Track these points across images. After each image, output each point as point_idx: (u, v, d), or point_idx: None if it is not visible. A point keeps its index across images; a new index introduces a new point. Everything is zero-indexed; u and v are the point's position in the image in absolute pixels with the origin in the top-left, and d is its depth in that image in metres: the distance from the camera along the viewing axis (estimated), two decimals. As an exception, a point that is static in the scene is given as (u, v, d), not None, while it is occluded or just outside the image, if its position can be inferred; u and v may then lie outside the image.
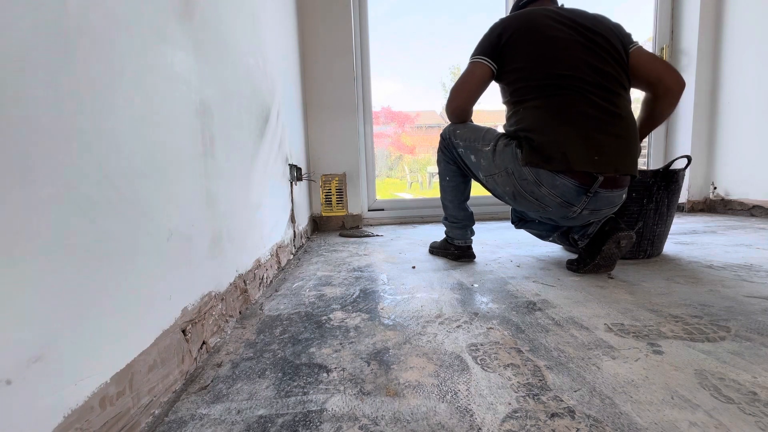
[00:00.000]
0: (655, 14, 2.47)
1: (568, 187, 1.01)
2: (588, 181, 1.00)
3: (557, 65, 1.05)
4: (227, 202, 0.82)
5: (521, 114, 1.08)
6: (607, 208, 1.07)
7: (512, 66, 1.11)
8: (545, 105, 1.05)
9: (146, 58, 0.53)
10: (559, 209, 1.07)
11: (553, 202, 1.05)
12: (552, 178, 1.02)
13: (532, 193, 1.07)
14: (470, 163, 1.23)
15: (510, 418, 0.48)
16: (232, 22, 0.91)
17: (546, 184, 1.03)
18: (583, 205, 1.04)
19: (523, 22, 1.11)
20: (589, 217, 1.09)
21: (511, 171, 1.08)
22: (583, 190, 1.01)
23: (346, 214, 2.27)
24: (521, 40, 1.10)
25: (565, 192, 1.02)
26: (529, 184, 1.06)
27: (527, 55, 1.09)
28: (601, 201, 1.04)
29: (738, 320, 0.75)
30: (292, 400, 0.53)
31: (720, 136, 2.38)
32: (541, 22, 1.09)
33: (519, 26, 1.11)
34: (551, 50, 1.06)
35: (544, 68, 1.06)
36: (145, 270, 0.51)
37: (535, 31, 1.08)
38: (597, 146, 0.99)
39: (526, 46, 1.09)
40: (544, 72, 1.06)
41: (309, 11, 2.12)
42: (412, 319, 0.81)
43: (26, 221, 0.34)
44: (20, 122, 0.33)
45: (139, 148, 0.50)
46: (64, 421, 0.36)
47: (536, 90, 1.06)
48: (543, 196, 1.05)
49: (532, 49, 1.08)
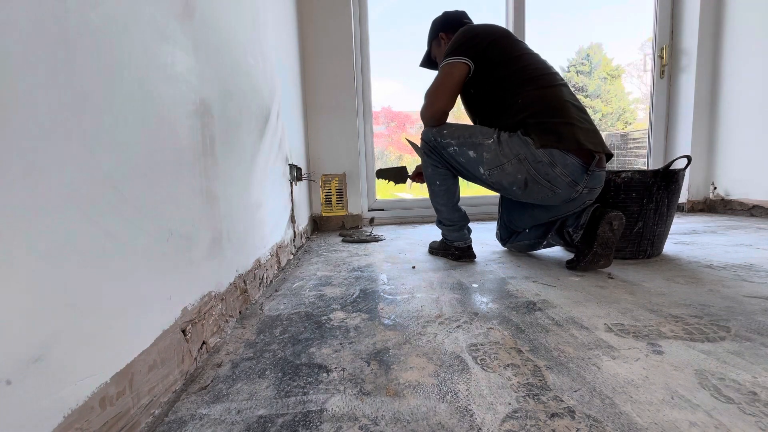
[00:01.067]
0: (655, 14, 2.47)
1: (575, 165, 1.10)
2: (588, 160, 1.11)
3: (538, 63, 1.21)
4: (227, 202, 0.82)
5: (520, 105, 1.15)
6: (599, 186, 1.17)
7: (499, 61, 1.19)
8: (544, 94, 1.15)
9: (146, 57, 0.53)
10: (566, 189, 1.14)
11: (563, 182, 1.12)
12: (564, 158, 1.09)
13: (546, 175, 1.12)
14: (466, 160, 1.22)
15: (510, 418, 0.48)
16: (232, 22, 0.91)
17: (559, 163, 1.10)
18: (584, 184, 1.13)
19: (494, 29, 1.25)
20: (587, 196, 1.17)
21: (524, 156, 1.12)
22: (585, 168, 1.11)
23: (346, 214, 2.27)
24: (498, 40, 1.21)
25: (574, 170, 1.11)
26: (545, 165, 1.11)
27: (510, 52, 1.20)
28: (595, 179, 1.14)
29: (738, 320, 0.75)
30: (292, 400, 0.53)
31: (720, 136, 2.38)
32: (507, 32, 1.26)
33: (491, 30, 1.24)
34: (525, 49, 1.23)
35: (531, 64, 1.19)
36: (145, 270, 0.51)
37: (506, 36, 1.24)
38: (586, 130, 1.12)
39: (506, 45, 1.21)
40: (533, 67, 1.19)
41: (309, 11, 2.12)
42: (412, 319, 0.81)
43: (26, 221, 0.34)
44: (20, 122, 0.33)
45: (139, 148, 0.50)
46: (64, 421, 0.36)
47: (530, 82, 1.16)
48: (556, 176, 1.12)
49: (512, 48, 1.21)
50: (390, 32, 16.42)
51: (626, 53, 17.47)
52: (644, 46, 4.97)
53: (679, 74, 2.47)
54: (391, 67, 17.30)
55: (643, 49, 2.48)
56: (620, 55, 15.56)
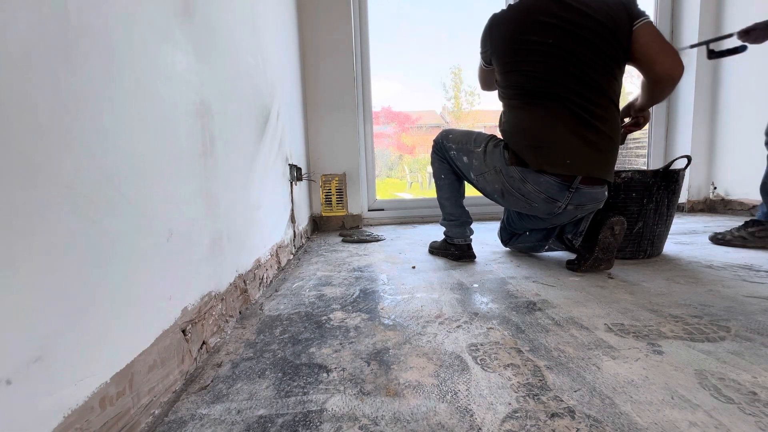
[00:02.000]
0: (655, 14, 2.47)
1: (551, 183, 1.08)
2: (569, 178, 1.06)
3: (538, 70, 1.06)
4: (227, 202, 0.82)
5: (506, 116, 1.16)
6: (591, 203, 1.12)
7: (501, 67, 1.16)
8: (525, 113, 1.10)
9: (146, 57, 0.53)
10: (544, 204, 1.12)
11: (538, 198, 1.11)
12: (536, 176, 1.08)
13: (519, 189, 1.13)
14: (462, 165, 1.29)
15: (510, 418, 0.48)
16: (232, 22, 0.91)
17: (531, 181, 1.10)
18: (566, 201, 1.10)
19: (510, 23, 1.11)
20: (575, 212, 1.14)
21: (500, 169, 1.16)
22: (565, 186, 1.07)
23: (346, 214, 2.27)
24: (504, 43, 1.13)
25: (549, 188, 1.08)
26: (516, 181, 1.13)
27: (510, 60, 1.12)
28: (583, 196, 1.10)
29: (738, 320, 0.75)
30: (292, 400, 0.53)
31: (720, 136, 2.38)
32: (528, 20, 1.08)
33: (503, 29, 1.12)
34: (533, 56, 1.07)
35: (525, 75, 1.09)
36: (145, 270, 0.51)
37: (520, 33, 1.09)
38: (569, 150, 1.04)
39: (509, 51, 1.12)
40: (530, 76, 1.08)
41: (309, 11, 2.12)
42: (412, 319, 0.81)
43: (26, 221, 0.34)
44: (20, 122, 0.33)
45: (139, 148, 0.50)
46: (64, 421, 0.36)
47: (519, 96, 1.12)
48: (528, 192, 1.12)
49: (514, 55, 1.11)
50: (391, 27, 16.34)
51: (626, 53, 17.38)
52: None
53: (679, 74, 2.47)
54: (392, 67, 17.30)
55: (643, 49, 2.45)
56: (620, 55, 15.48)
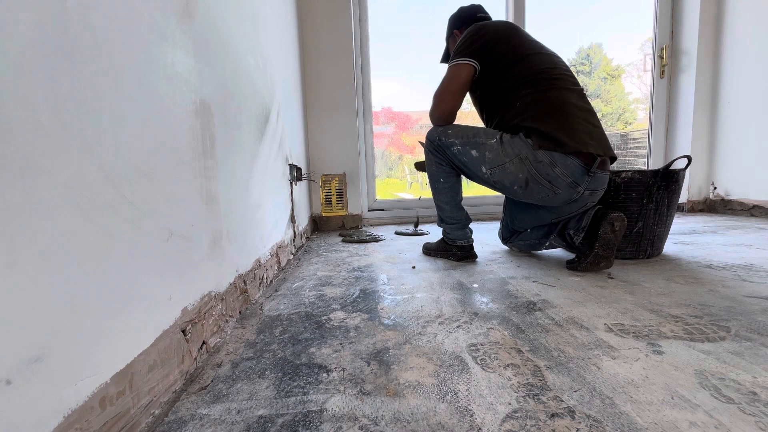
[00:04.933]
0: (655, 14, 2.47)
1: (576, 166, 1.10)
2: (590, 161, 1.11)
3: (544, 64, 1.18)
4: (227, 202, 0.82)
5: (518, 108, 1.16)
6: (600, 188, 1.17)
7: (501, 64, 1.19)
8: (542, 98, 1.14)
9: (146, 57, 0.53)
10: (567, 190, 1.14)
11: (563, 182, 1.12)
12: (564, 159, 1.10)
13: (546, 175, 1.13)
14: (470, 159, 1.23)
15: (510, 418, 0.48)
16: (232, 21, 0.91)
17: (560, 164, 1.11)
18: (585, 185, 1.13)
19: (502, 27, 1.24)
20: (589, 198, 1.17)
21: (525, 156, 1.13)
22: (586, 170, 1.11)
23: (346, 214, 2.27)
24: (505, 40, 1.21)
25: (574, 171, 1.11)
26: (545, 165, 1.12)
27: (515, 53, 1.19)
28: (597, 181, 1.14)
29: (738, 320, 0.75)
30: (292, 400, 0.53)
31: (720, 136, 2.38)
32: (516, 29, 1.26)
33: (499, 29, 1.23)
34: (533, 49, 1.21)
35: (533, 65, 1.18)
36: (145, 270, 0.51)
37: (514, 34, 1.23)
38: (589, 133, 1.12)
39: (512, 45, 1.20)
40: (536, 68, 1.17)
41: (309, 11, 2.12)
42: (412, 319, 0.81)
43: (26, 221, 0.34)
44: (20, 122, 0.33)
45: (139, 148, 0.50)
46: (64, 421, 0.36)
47: (529, 84, 1.16)
48: (556, 177, 1.12)
49: (518, 49, 1.20)
50: (391, 27, 16.36)
51: (626, 53, 17.47)
52: (644, 46, 4.96)
53: (679, 74, 2.47)
54: (392, 67, 17.30)
55: (643, 49, 2.49)
56: (620, 55, 15.56)
